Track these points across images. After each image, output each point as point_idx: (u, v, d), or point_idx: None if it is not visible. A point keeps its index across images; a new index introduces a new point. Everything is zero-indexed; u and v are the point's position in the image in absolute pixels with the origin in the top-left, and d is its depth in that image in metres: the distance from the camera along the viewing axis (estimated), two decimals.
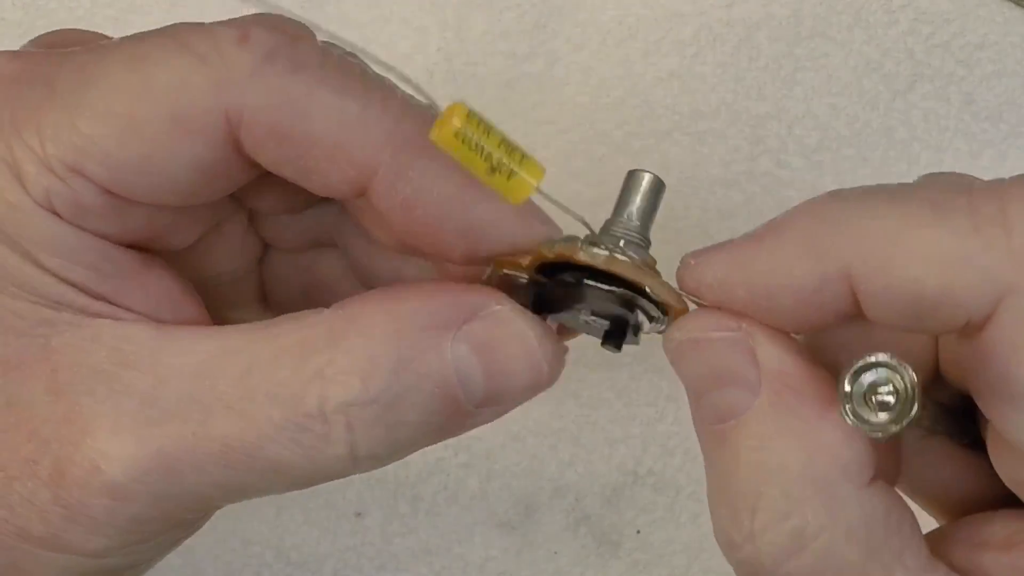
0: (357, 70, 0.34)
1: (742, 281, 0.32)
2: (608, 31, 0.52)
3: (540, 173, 0.32)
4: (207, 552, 0.52)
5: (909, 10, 0.52)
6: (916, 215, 0.30)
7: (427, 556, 0.52)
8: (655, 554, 0.52)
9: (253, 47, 0.33)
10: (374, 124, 0.33)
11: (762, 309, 0.32)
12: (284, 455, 0.33)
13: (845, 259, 0.31)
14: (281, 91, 0.33)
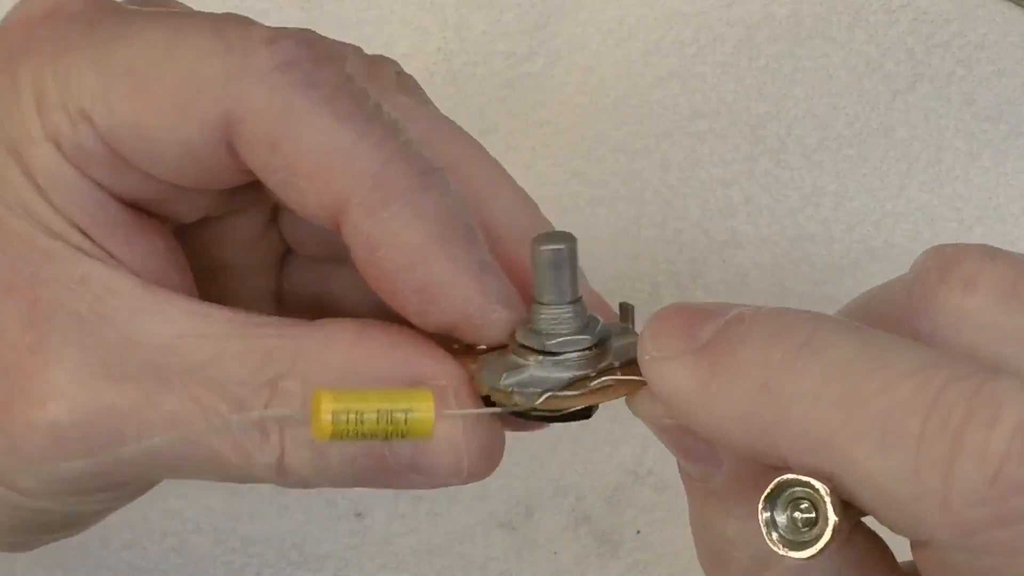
0: (371, 105, 0.34)
1: (690, 409, 0.30)
2: (608, 31, 0.52)
3: (430, 399, 0.32)
4: (207, 552, 0.52)
5: (909, 10, 0.52)
6: None
7: (428, 556, 0.52)
8: (655, 554, 0.52)
9: (275, 52, 0.34)
10: (361, 157, 0.33)
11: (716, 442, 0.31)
12: (222, 449, 0.33)
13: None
14: (284, 101, 0.33)
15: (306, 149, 0.33)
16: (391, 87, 0.38)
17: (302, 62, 0.34)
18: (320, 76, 0.34)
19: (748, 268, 0.52)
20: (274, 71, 0.33)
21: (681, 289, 0.52)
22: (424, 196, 0.33)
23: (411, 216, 0.33)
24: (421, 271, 0.33)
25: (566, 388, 0.33)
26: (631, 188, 0.52)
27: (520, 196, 0.37)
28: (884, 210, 0.52)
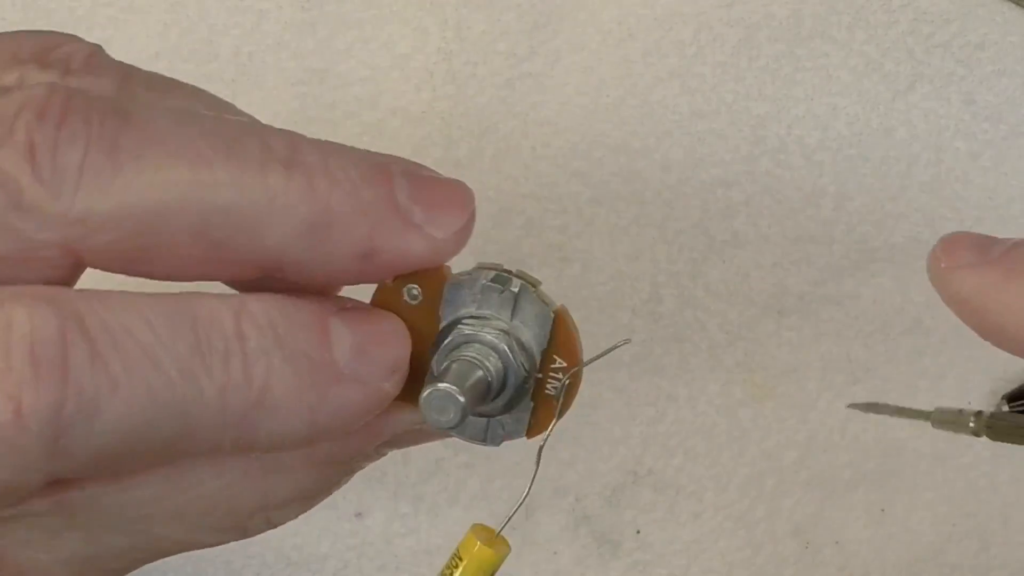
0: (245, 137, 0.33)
1: (978, 311, 0.33)
2: (608, 31, 0.52)
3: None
4: (207, 552, 0.52)
5: (909, 10, 0.52)
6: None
7: (428, 556, 0.52)
8: (655, 554, 0.52)
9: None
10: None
11: (991, 340, 0.34)
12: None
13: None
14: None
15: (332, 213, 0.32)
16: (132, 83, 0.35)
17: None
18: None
19: (748, 268, 0.52)
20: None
21: (681, 289, 0.52)
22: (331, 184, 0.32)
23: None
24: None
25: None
26: (631, 188, 0.52)
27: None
28: (884, 210, 0.52)
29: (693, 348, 0.52)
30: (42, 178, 0.30)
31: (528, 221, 0.52)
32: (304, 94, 0.52)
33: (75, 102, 0.30)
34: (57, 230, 0.30)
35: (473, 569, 0.34)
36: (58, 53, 0.33)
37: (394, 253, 0.32)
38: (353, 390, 0.32)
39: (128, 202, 0.30)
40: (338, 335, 0.32)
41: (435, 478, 0.52)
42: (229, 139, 0.31)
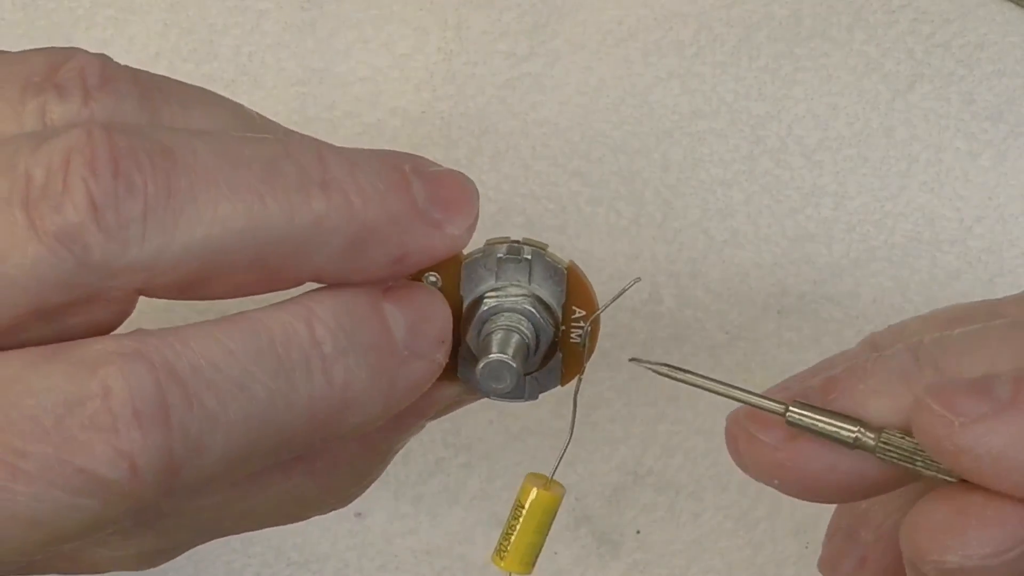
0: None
1: (1021, 464, 0.30)
2: (608, 31, 0.52)
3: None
4: (207, 552, 0.52)
5: (909, 10, 0.52)
6: None
7: (428, 556, 0.52)
8: (655, 554, 0.52)
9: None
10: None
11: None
12: None
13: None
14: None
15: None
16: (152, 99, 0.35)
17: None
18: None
19: (748, 268, 0.52)
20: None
21: (681, 289, 0.52)
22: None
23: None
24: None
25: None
26: (631, 188, 0.52)
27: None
28: (884, 210, 0.52)
29: (693, 348, 0.52)
30: (109, 234, 0.30)
31: (528, 221, 0.52)
32: (304, 94, 0.52)
33: (119, 146, 0.31)
34: (125, 278, 0.31)
35: (538, 512, 0.37)
36: (69, 72, 0.33)
37: (422, 254, 0.34)
38: (415, 367, 0.34)
39: (191, 244, 0.31)
40: (393, 317, 0.34)
41: (435, 478, 0.52)
42: (269, 167, 0.32)
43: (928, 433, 0.31)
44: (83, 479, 0.30)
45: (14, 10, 0.52)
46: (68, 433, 0.30)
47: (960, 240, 0.52)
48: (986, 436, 0.30)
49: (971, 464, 0.30)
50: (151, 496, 0.31)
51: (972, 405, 0.30)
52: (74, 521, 0.31)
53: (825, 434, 0.33)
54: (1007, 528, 0.30)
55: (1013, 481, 0.30)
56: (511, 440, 0.52)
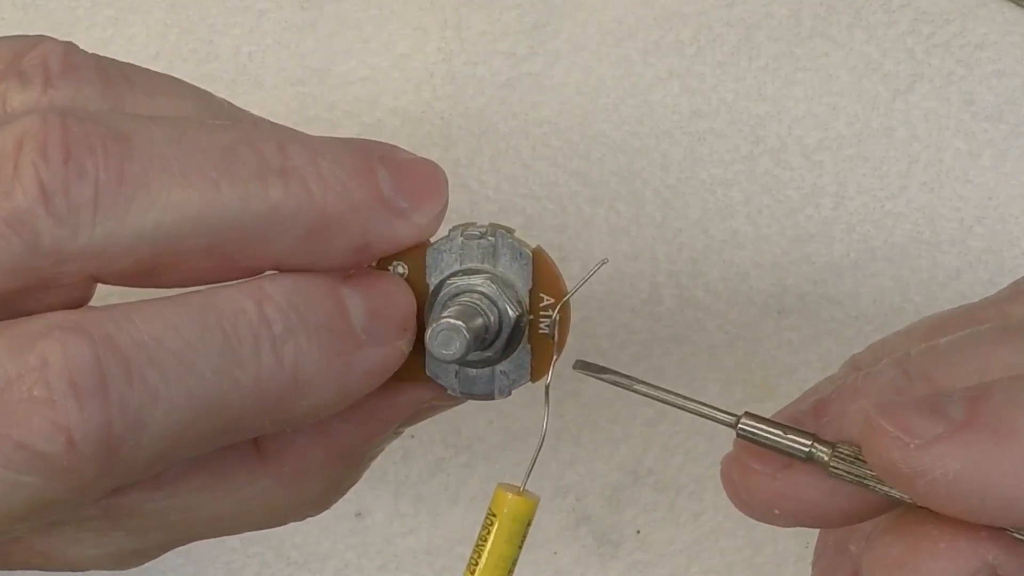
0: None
1: (977, 488, 0.29)
2: (608, 31, 0.52)
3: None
4: (207, 552, 0.52)
5: (909, 10, 0.52)
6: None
7: (428, 556, 0.52)
8: (655, 554, 0.52)
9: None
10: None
11: (987, 518, 0.30)
12: None
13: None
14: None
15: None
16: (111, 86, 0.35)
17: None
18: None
19: (748, 268, 0.52)
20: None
21: (681, 289, 0.52)
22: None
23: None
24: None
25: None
26: (631, 188, 0.52)
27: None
28: (884, 210, 0.52)
29: (693, 348, 0.52)
30: (58, 218, 0.30)
31: (528, 221, 0.52)
32: (304, 94, 0.52)
33: (73, 131, 0.31)
34: (77, 263, 0.31)
35: (508, 522, 0.35)
36: (33, 58, 0.33)
37: (385, 242, 0.34)
38: (374, 352, 0.34)
39: (143, 230, 0.31)
40: (352, 302, 0.34)
41: (435, 478, 0.52)
42: (226, 154, 0.32)
43: (881, 455, 0.30)
44: (23, 454, 0.30)
45: (14, 10, 0.52)
46: (7, 407, 0.30)
47: (960, 240, 0.52)
48: (940, 460, 0.29)
49: (926, 488, 0.30)
50: (91, 472, 0.31)
51: (926, 426, 0.29)
52: (18, 499, 0.31)
53: (777, 448, 0.32)
54: (960, 561, 0.30)
55: (969, 505, 0.29)
56: (511, 440, 0.52)
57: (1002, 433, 0.29)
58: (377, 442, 0.37)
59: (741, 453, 0.34)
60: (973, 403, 0.30)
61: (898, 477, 0.30)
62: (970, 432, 0.29)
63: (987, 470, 0.29)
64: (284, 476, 0.36)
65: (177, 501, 0.35)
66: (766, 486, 0.33)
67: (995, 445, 0.29)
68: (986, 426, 0.29)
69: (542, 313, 0.36)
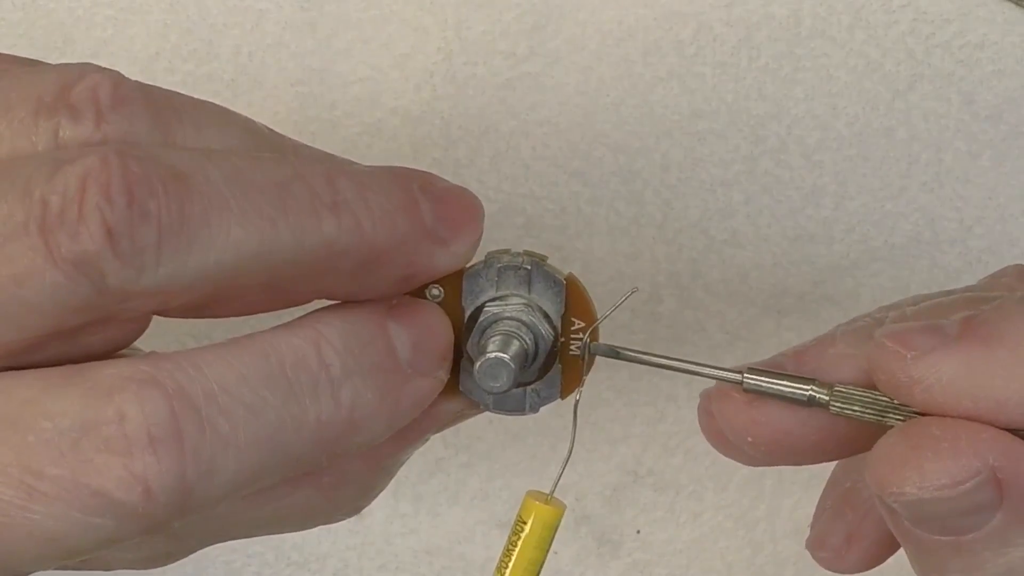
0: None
1: (970, 390, 0.32)
2: (608, 31, 0.52)
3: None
4: (207, 552, 0.52)
5: (909, 10, 0.52)
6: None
7: (428, 556, 0.52)
8: (655, 554, 0.52)
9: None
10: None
11: (984, 419, 0.32)
12: None
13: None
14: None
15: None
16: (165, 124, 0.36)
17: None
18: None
19: (748, 268, 0.52)
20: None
21: (681, 289, 0.52)
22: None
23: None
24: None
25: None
26: (631, 188, 0.52)
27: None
28: (884, 210, 0.52)
29: (693, 348, 0.52)
30: (124, 260, 0.31)
31: (528, 221, 0.52)
32: (304, 94, 0.52)
33: (133, 172, 0.31)
34: (139, 301, 0.32)
35: (539, 528, 0.37)
36: (82, 91, 0.34)
37: (428, 271, 0.35)
38: (418, 384, 0.35)
39: (204, 268, 0.32)
40: (398, 337, 0.35)
41: (435, 478, 0.52)
42: (281, 190, 0.33)
43: (883, 368, 0.33)
44: (98, 501, 0.31)
45: (14, 10, 0.52)
46: (84, 456, 0.31)
47: (960, 240, 0.52)
48: (936, 367, 0.32)
49: (923, 395, 0.32)
50: (164, 517, 0.32)
51: (923, 340, 0.32)
52: (88, 539, 0.32)
53: (781, 396, 0.35)
54: (961, 461, 0.31)
55: (964, 408, 0.32)
56: (511, 440, 0.52)
57: (992, 341, 0.32)
58: (410, 451, 0.39)
59: (719, 385, 0.36)
60: (966, 320, 0.32)
61: (898, 387, 0.33)
62: (962, 342, 0.32)
63: (979, 374, 0.32)
64: (323, 486, 0.37)
65: (221, 512, 0.36)
66: (742, 413, 0.35)
67: (986, 351, 0.32)
68: (977, 336, 0.32)
69: (573, 336, 0.37)
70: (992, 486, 0.31)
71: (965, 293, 0.36)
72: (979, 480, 0.31)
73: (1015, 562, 0.32)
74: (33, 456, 0.31)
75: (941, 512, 0.32)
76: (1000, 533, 0.32)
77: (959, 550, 0.32)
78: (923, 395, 0.32)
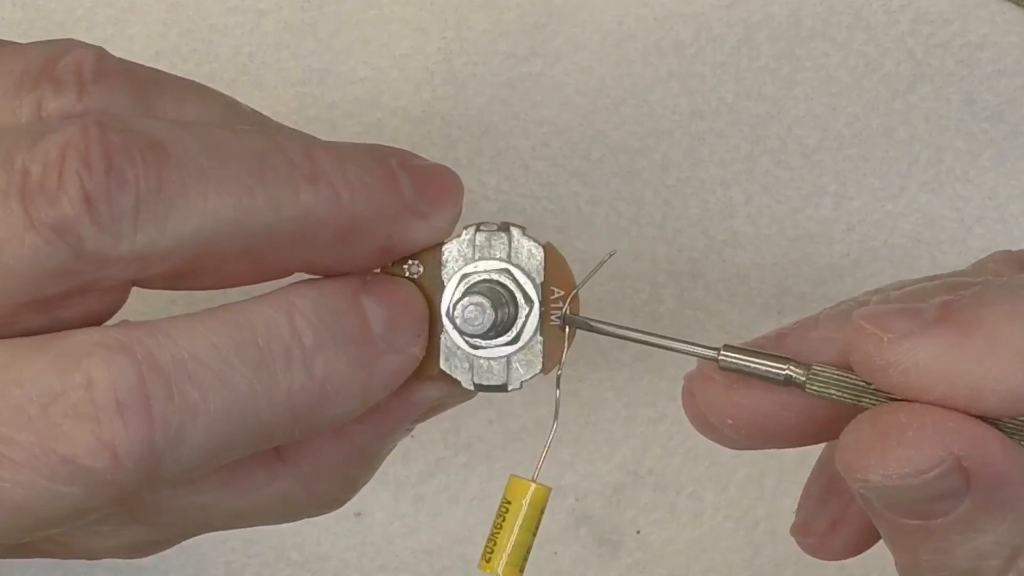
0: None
1: (946, 375, 0.32)
2: (608, 31, 0.52)
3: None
4: (207, 552, 0.52)
5: (909, 10, 0.52)
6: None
7: (428, 556, 0.52)
8: (655, 554, 0.52)
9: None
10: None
11: (958, 406, 0.32)
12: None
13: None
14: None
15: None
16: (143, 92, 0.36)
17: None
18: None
19: (748, 268, 0.52)
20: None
21: (681, 289, 0.52)
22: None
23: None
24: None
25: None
26: (631, 188, 0.52)
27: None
28: (884, 210, 0.52)
29: None
30: (102, 226, 0.31)
31: (528, 221, 0.52)
32: (304, 94, 0.52)
33: (113, 141, 0.31)
34: (118, 268, 0.32)
35: (524, 508, 0.36)
36: (66, 65, 0.34)
37: (407, 244, 0.36)
38: (392, 360, 0.35)
39: (181, 235, 0.32)
40: (372, 311, 0.35)
41: (435, 478, 0.52)
42: (259, 160, 0.33)
43: (859, 350, 0.33)
44: (66, 468, 0.31)
45: (14, 10, 0.52)
46: (52, 422, 0.31)
47: (960, 240, 0.52)
48: (912, 350, 0.32)
49: (899, 378, 0.32)
50: (132, 485, 0.32)
51: (900, 324, 0.32)
52: (58, 508, 0.32)
53: (757, 374, 0.34)
54: (925, 450, 0.31)
55: (938, 393, 0.32)
56: (511, 440, 0.52)
57: (970, 327, 0.32)
58: (390, 440, 0.38)
59: (703, 365, 0.36)
60: (945, 305, 0.32)
61: (874, 370, 0.32)
62: (940, 326, 0.32)
63: (955, 359, 0.31)
64: (302, 475, 0.37)
65: (197, 499, 0.36)
66: (723, 395, 0.35)
67: (963, 337, 0.32)
68: (954, 321, 0.32)
69: (553, 306, 0.37)
70: (957, 474, 0.31)
71: (949, 278, 0.36)
72: (942, 469, 0.31)
73: (984, 547, 0.32)
74: (3, 422, 0.31)
75: (907, 498, 0.32)
76: (968, 519, 0.32)
77: (929, 534, 0.32)
78: (899, 378, 0.32)
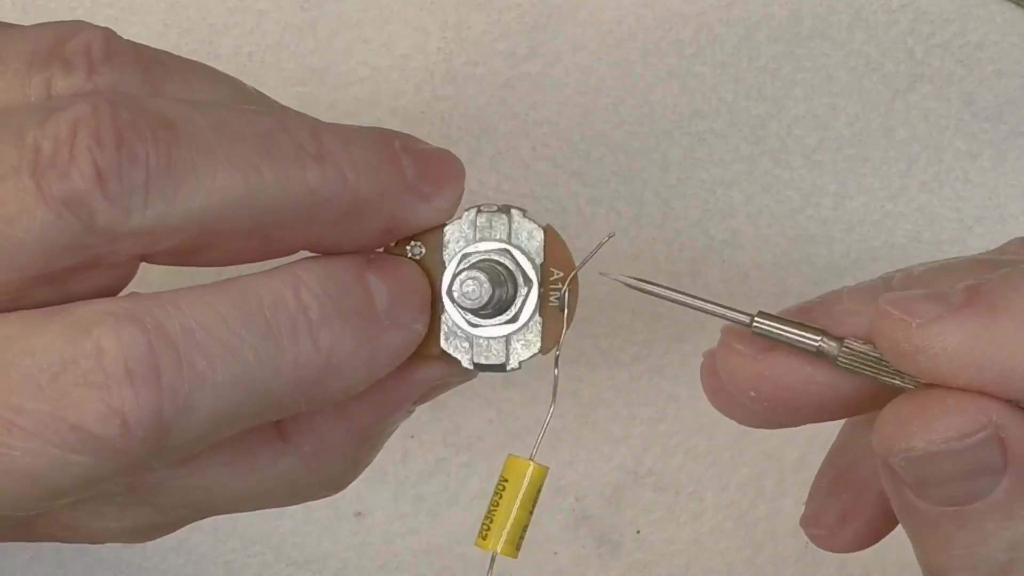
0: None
1: (975, 360, 0.32)
2: (608, 31, 0.52)
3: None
4: (207, 552, 0.52)
5: (909, 10, 0.52)
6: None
7: (428, 556, 0.52)
8: (655, 554, 0.52)
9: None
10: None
11: (987, 390, 0.32)
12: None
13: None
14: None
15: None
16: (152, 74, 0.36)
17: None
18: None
19: (748, 268, 0.52)
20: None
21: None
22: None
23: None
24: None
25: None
26: (631, 188, 0.52)
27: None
28: (884, 210, 0.52)
29: (693, 348, 0.52)
30: (112, 200, 0.32)
31: None
32: (304, 94, 0.52)
33: (123, 118, 0.32)
34: (128, 244, 0.32)
35: (522, 485, 0.36)
36: (76, 45, 0.35)
37: (410, 225, 0.36)
38: (396, 336, 0.36)
39: (191, 211, 0.32)
40: (376, 287, 0.36)
41: (435, 478, 0.52)
42: (266, 139, 0.33)
43: (887, 337, 0.33)
44: (76, 435, 0.31)
45: (14, 10, 0.52)
46: (62, 390, 0.31)
47: (960, 240, 0.52)
48: (941, 335, 0.32)
49: (927, 363, 0.32)
50: (141, 454, 0.32)
51: (928, 308, 0.32)
52: (68, 477, 0.32)
53: (789, 343, 0.35)
54: (967, 415, 0.32)
55: (967, 378, 0.32)
56: (511, 439, 0.52)
57: (997, 310, 0.32)
58: (392, 420, 0.39)
59: (727, 336, 0.36)
60: (971, 289, 0.32)
61: (902, 356, 0.32)
62: (967, 310, 0.32)
63: (983, 343, 0.31)
64: (305, 455, 0.38)
65: (200, 479, 0.36)
66: (746, 366, 0.35)
67: (990, 321, 0.32)
68: (982, 305, 0.32)
69: (552, 287, 0.38)
70: (997, 444, 0.31)
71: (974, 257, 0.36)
72: (985, 435, 0.31)
73: (1020, 536, 0.32)
74: (13, 391, 0.32)
75: (947, 471, 0.32)
76: (1005, 502, 0.32)
77: (963, 522, 0.32)
78: (927, 364, 0.32)
